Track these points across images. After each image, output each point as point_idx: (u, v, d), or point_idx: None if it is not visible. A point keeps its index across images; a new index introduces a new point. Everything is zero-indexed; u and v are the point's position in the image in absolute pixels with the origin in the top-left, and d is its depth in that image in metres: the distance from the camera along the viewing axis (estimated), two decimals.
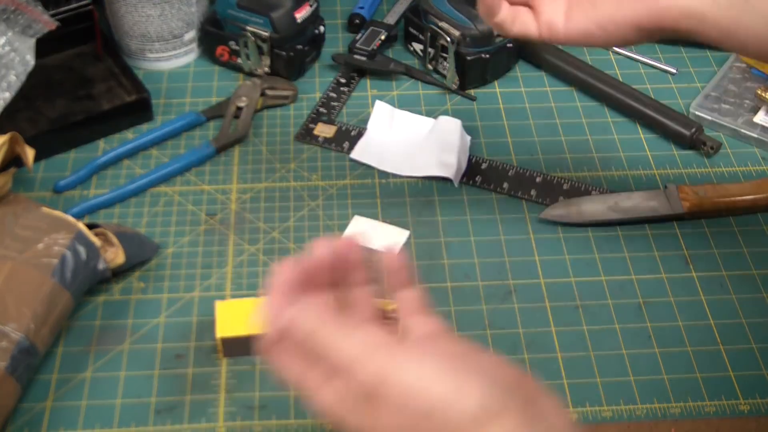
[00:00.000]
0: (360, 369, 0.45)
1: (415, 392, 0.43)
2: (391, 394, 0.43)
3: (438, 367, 0.43)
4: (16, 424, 0.66)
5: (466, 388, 0.42)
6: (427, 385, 0.43)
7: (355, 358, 0.45)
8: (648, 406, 0.68)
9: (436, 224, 0.81)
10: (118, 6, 0.93)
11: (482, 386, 0.42)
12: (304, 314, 0.48)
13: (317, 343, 0.47)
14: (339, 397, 0.46)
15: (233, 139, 0.88)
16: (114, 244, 0.73)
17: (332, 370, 0.46)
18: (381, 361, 0.44)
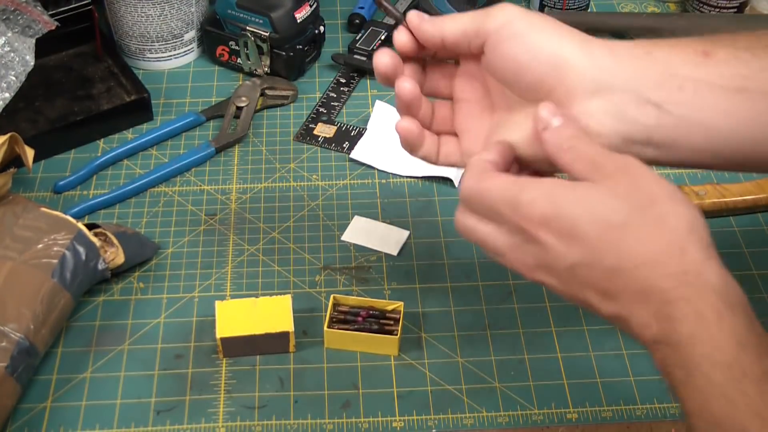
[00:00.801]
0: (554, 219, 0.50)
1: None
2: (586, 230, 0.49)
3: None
4: (16, 424, 0.66)
5: None
6: None
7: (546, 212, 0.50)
8: (648, 406, 0.68)
9: (436, 224, 0.81)
10: (118, 6, 0.93)
11: None
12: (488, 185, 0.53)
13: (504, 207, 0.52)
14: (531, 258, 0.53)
15: (233, 139, 0.88)
16: (114, 244, 0.73)
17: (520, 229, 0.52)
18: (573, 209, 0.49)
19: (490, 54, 0.57)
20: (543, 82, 0.55)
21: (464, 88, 0.62)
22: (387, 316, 0.71)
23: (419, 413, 0.67)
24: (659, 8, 1.09)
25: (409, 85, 0.59)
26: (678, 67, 0.53)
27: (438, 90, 0.63)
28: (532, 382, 0.69)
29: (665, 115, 0.53)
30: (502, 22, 0.56)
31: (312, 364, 0.70)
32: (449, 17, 0.58)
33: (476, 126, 0.61)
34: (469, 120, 0.62)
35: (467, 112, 0.62)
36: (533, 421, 0.67)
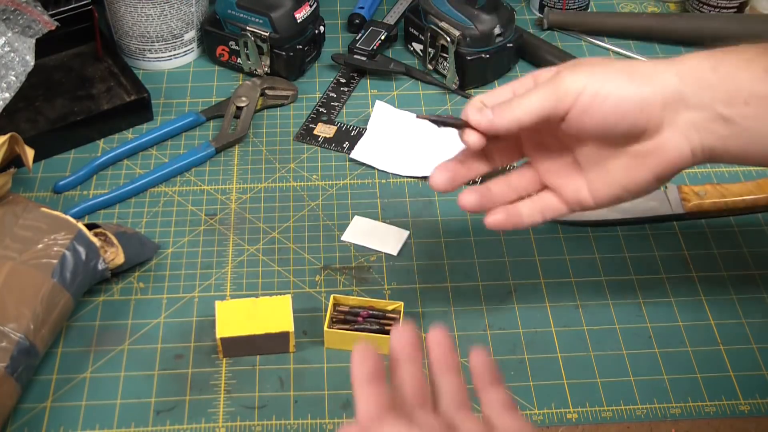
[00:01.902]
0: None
1: None
2: None
3: None
4: (16, 424, 0.66)
5: None
6: None
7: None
8: (648, 406, 0.68)
9: (436, 224, 0.81)
10: (118, 6, 0.93)
11: None
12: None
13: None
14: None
15: (233, 139, 0.88)
16: (114, 244, 0.73)
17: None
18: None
19: (575, 123, 0.60)
20: (635, 128, 0.59)
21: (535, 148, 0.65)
22: (387, 316, 0.71)
23: None
24: (659, 8, 1.09)
25: (471, 198, 0.64)
26: (743, 83, 0.58)
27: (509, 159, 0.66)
28: (532, 382, 0.69)
29: (736, 127, 0.58)
30: (577, 93, 0.59)
31: (312, 364, 0.70)
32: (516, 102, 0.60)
33: (569, 180, 0.64)
34: (559, 177, 0.64)
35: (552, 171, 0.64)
36: (533, 421, 0.67)
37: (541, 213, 0.65)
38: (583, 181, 0.64)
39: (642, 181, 0.62)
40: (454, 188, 0.64)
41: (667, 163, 0.61)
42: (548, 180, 0.65)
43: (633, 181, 0.62)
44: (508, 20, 0.94)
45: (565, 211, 0.65)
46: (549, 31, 1.04)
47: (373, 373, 0.48)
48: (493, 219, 0.64)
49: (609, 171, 0.62)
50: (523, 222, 0.65)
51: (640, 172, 0.62)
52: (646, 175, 0.62)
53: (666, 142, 0.60)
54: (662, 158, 0.60)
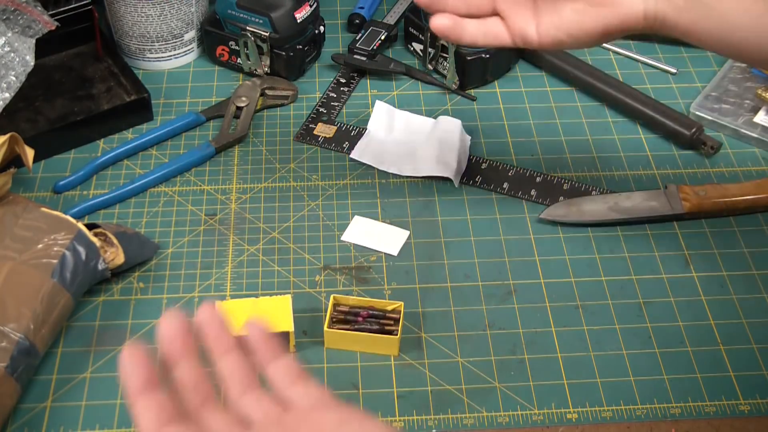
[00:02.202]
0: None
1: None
2: None
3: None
4: (16, 424, 0.66)
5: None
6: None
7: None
8: (648, 406, 0.68)
9: (436, 224, 0.81)
10: (117, 6, 0.93)
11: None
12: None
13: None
14: None
15: (233, 139, 0.88)
16: (114, 244, 0.73)
17: None
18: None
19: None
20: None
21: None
22: (387, 316, 0.71)
23: (419, 413, 0.67)
24: None
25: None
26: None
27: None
28: (532, 382, 0.69)
29: (694, 1, 0.60)
30: None
31: (312, 364, 0.70)
32: None
33: (521, 9, 0.65)
34: (512, 5, 0.66)
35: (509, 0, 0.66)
36: (533, 421, 0.67)
37: (483, 35, 0.67)
38: (533, 17, 0.65)
39: (589, 30, 0.64)
40: (437, 5, 0.66)
41: (618, 16, 0.63)
42: (501, 6, 0.66)
43: (580, 28, 0.64)
44: None
45: (508, 41, 0.67)
46: None
47: (146, 380, 0.46)
48: (439, 22, 0.65)
49: (561, 13, 0.64)
50: (464, 37, 0.66)
51: (590, 20, 0.63)
52: (595, 25, 0.63)
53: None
54: (615, 11, 0.62)
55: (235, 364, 0.48)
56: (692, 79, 0.97)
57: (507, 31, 0.67)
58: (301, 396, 0.47)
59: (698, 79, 0.97)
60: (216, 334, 0.49)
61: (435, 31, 0.66)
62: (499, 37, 0.67)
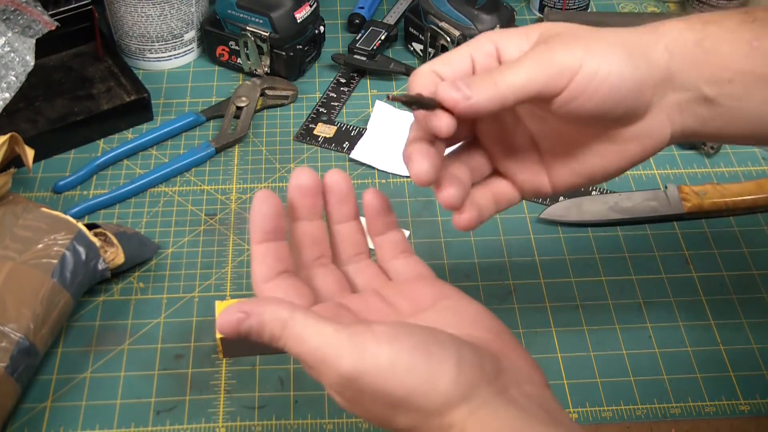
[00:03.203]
0: (332, 371, 0.45)
1: (389, 386, 0.44)
2: (366, 389, 0.44)
3: (409, 357, 0.44)
4: (16, 424, 0.66)
5: (437, 374, 0.44)
6: (400, 377, 0.44)
7: (325, 360, 0.45)
8: (648, 406, 0.68)
9: (436, 224, 0.81)
10: (118, 6, 0.93)
11: (451, 370, 0.44)
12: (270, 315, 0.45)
13: (287, 345, 0.46)
14: None
15: (233, 139, 0.88)
16: (114, 244, 0.73)
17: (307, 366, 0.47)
18: (352, 360, 0.44)
19: (566, 106, 0.50)
20: (631, 111, 0.52)
21: (489, 129, 0.56)
22: None
23: None
24: (659, 8, 1.09)
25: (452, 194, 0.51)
26: (728, 59, 0.52)
27: (459, 137, 0.56)
28: None
29: (718, 107, 0.53)
30: (574, 71, 0.49)
31: None
32: (500, 77, 0.49)
33: (525, 164, 0.56)
34: (514, 161, 0.56)
35: (506, 153, 0.56)
36: None
37: (495, 203, 0.56)
38: (543, 168, 0.56)
39: (615, 169, 0.55)
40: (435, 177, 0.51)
41: (647, 148, 0.54)
42: (501, 164, 0.56)
43: (605, 169, 0.55)
44: (508, 20, 0.94)
45: (518, 199, 0.57)
46: None
47: (272, 228, 0.47)
48: (468, 218, 0.53)
49: (580, 158, 0.55)
50: (484, 217, 0.55)
51: (616, 159, 0.54)
52: (622, 163, 0.55)
53: (651, 126, 0.53)
54: (645, 143, 0.54)
55: (350, 229, 0.51)
56: None
57: (516, 189, 0.56)
58: (403, 268, 0.51)
59: None
60: (338, 199, 0.51)
61: (443, 204, 0.52)
62: (510, 201, 0.57)
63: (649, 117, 0.53)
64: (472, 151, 0.56)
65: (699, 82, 0.53)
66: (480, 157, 0.56)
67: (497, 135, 0.55)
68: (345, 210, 0.52)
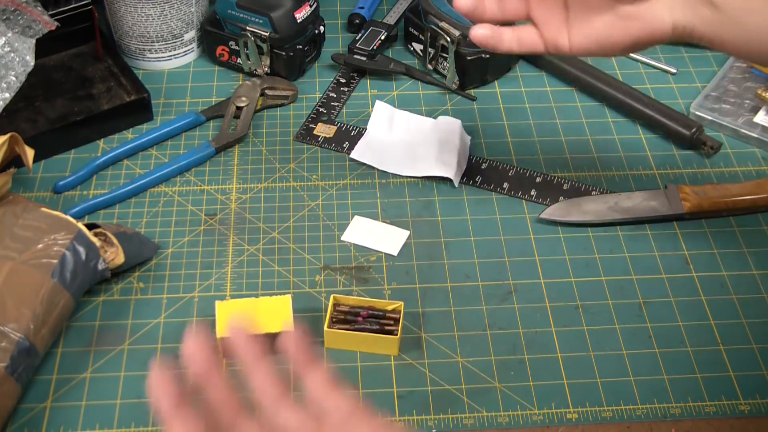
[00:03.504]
0: None
1: None
2: None
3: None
4: (16, 424, 0.66)
5: None
6: None
7: None
8: (648, 406, 0.68)
9: (436, 224, 0.81)
10: (117, 6, 0.93)
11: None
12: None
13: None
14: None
15: (233, 139, 0.88)
16: (114, 244, 0.73)
17: None
18: None
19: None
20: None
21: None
22: (387, 316, 0.71)
23: (419, 413, 0.67)
24: None
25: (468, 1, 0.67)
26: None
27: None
28: (532, 382, 0.69)
29: (721, 13, 0.61)
30: None
31: None
32: None
33: (554, 18, 0.67)
34: (546, 11, 0.68)
35: (542, 4, 0.68)
36: (533, 421, 0.67)
37: (518, 42, 0.69)
38: (565, 25, 0.67)
39: (618, 41, 0.66)
40: (476, 13, 0.68)
41: (645, 30, 0.64)
42: (536, 14, 0.68)
43: (609, 40, 0.66)
44: None
45: (541, 48, 0.69)
46: None
47: (177, 400, 0.46)
48: (479, 32, 0.68)
49: (592, 23, 0.66)
50: (502, 45, 0.69)
51: (619, 32, 0.65)
52: (624, 38, 0.65)
53: (652, 9, 0.63)
54: (644, 24, 0.64)
55: (266, 374, 0.48)
56: (692, 79, 0.97)
57: (540, 39, 0.69)
58: (336, 407, 0.47)
59: (698, 79, 0.97)
60: (245, 349, 0.49)
61: (474, 40, 0.69)
62: (534, 45, 0.69)
63: (652, 2, 0.63)
64: None
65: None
66: (520, 3, 0.68)
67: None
68: (252, 354, 0.50)
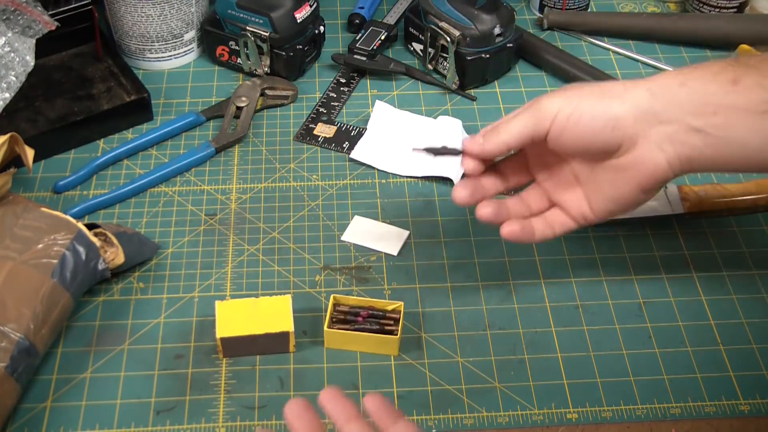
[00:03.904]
0: None
1: None
2: None
3: None
4: (16, 424, 0.66)
5: None
6: None
7: None
8: (648, 406, 0.68)
9: (436, 224, 0.81)
10: (117, 6, 0.93)
11: None
12: None
13: None
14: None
15: (233, 139, 0.88)
16: (114, 244, 0.73)
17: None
18: None
19: (556, 142, 0.65)
20: (610, 144, 0.64)
21: (541, 169, 0.70)
22: (387, 316, 0.71)
23: (419, 413, 0.67)
24: (659, 8, 1.09)
25: (487, 210, 0.68)
26: (711, 96, 0.61)
27: (519, 180, 0.71)
28: (532, 382, 0.69)
29: (708, 136, 0.62)
30: (554, 114, 0.64)
31: (312, 364, 0.70)
32: (503, 127, 0.66)
33: (572, 195, 0.69)
34: (563, 193, 0.69)
35: (557, 188, 0.70)
36: (533, 421, 0.67)
37: (551, 229, 0.70)
38: (584, 198, 0.68)
39: (628, 193, 0.66)
40: (475, 202, 0.68)
41: (645, 174, 0.64)
42: (554, 197, 0.70)
43: (620, 194, 0.66)
44: (508, 20, 0.94)
45: (573, 226, 0.70)
46: (549, 31, 1.04)
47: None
48: (509, 229, 0.68)
49: (600, 185, 0.67)
50: (536, 236, 0.70)
51: (623, 185, 0.65)
52: (630, 188, 0.65)
53: (641, 155, 0.64)
54: (640, 171, 0.64)
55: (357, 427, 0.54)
56: None
57: (568, 217, 0.70)
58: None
59: None
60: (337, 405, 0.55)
61: (507, 238, 0.69)
62: (565, 225, 0.70)
63: (639, 147, 0.63)
64: (533, 190, 0.71)
65: (684, 115, 0.62)
66: (539, 193, 0.71)
67: (547, 174, 0.70)
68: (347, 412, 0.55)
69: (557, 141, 0.65)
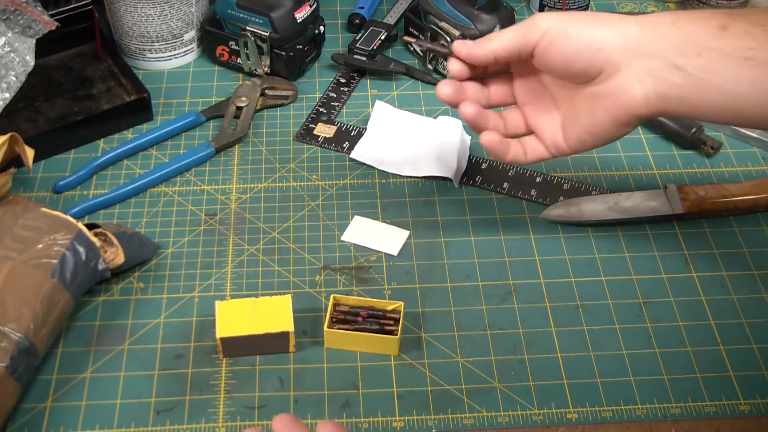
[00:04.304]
0: None
1: None
2: None
3: None
4: (16, 424, 0.66)
5: None
6: None
7: None
8: (648, 406, 0.68)
9: (436, 224, 0.81)
10: (117, 6, 0.93)
11: None
12: None
13: None
14: None
15: (233, 139, 0.88)
16: (114, 244, 0.73)
17: None
18: None
19: (541, 56, 0.67)
20: (592, 66, 0.66)
21: (524, 92, 0.72)
22: (387, 316, 0.71)
23: (419, 413, 0.67)
24: (659, 8, 1.09)
25: (470, 109, 0.69)
26: (697, 37, 0.62)
27: (502, 99, 0.73)
28: (532, 382, 0.69)
29: (688, 76, 0.63)
30: (545, 29, 0.66)
31: (312, 364, 0.70)
32: (494, 37, 0.69)
33: (548, 121, 0.71)
34: (540, 118, 0.72)
35: (536, 112, 0.72)
36: (533, 421, 0.67)
37: (524, 153, 0.72)
38: (559, 124, 0.70)
39: (603, 122, 0.67)
40: (456, 102, 0.70)
41: (621, 105, 0.65)
42: (531, 121, 0.72)
43: (595, 123, 0.67)
44: (508, 20, 0.94)
45: (545, 154, 0.72)
46: None
47: None
48: (489, 138, 0.70)
49: (576, 112, 0.68)
50: (509, 154, 0.71)
51: (598, 113, 0.67)
52: (604, 117, 0.67)
53: (620, 84, 0.65)
54: (617, 99, 0.65)
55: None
56: None
57: (542, 145, 0.71)
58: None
59: None
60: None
61: (484, 146, 0.70)
62: (538, 152, 0.72)
63: (620, 76, 0.65)
64: (514, 112, 0.73)
65: (668, 51, 0.63)
66: (519, 117, 0.73)
67: (529, 98, 0.72)
68: None
69: (542, 56, 0.67)
